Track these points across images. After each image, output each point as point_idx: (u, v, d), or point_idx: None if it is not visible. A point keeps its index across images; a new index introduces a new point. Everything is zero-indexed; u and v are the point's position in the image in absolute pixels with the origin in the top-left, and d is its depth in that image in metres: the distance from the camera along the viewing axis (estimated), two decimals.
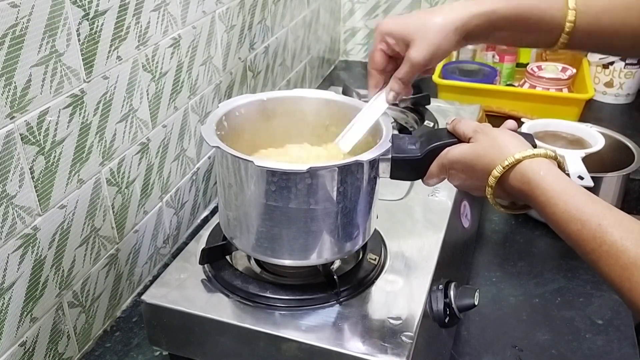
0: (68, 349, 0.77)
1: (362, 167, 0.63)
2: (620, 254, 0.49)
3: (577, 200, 0.53)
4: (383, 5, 1.68)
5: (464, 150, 0.63)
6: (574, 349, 0.79)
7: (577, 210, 0.52)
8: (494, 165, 0.59)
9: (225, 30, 1.03)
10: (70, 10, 0.67)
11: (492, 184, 0.59)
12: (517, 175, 0.58)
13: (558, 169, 0.57)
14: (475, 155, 0.62)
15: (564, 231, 0.53)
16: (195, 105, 0.98)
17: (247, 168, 0.62)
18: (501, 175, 0.58)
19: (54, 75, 0.66)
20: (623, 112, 1.46)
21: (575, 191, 0.54)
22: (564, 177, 0.56)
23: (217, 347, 0.67)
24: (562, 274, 0.92)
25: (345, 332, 0.64)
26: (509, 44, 1.10)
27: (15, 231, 0.65)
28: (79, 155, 0.73)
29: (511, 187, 0.59)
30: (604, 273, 0.50)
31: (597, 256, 0.50)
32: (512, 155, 0.58)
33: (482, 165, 0.61)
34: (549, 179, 0.56)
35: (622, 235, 0.49)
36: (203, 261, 0.71)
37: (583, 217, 0.52)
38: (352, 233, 0.67)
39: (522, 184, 0.57)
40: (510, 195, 0.60)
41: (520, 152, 0.58)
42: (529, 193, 0.57)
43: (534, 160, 0.57)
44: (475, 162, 0.62)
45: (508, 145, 0.60)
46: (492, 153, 0.60)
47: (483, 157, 0.61)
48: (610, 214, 0.51)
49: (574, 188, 0.54)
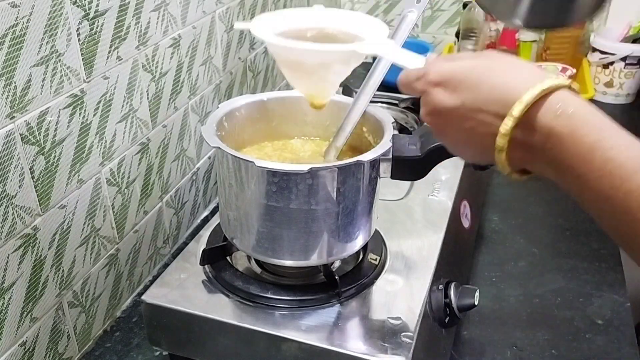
0: (68, 349, 0.76)
1: (362, 168, 0.63)
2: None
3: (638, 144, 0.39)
4: (383, 5, 1.69)
5: (471, 62, 0.46)
6: (574, 349, 0.79)
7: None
8: (518, 89, 0.42)
9: (225, 30, 1.03)
10: (70, 10, 0.67)
11: (518, 114, 0.42)
12: (551, 105, 0.41)
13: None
14: (489, 70, 0.45)
15: (620, 186, 0.38)
16: (195, 105, 0.98)
17: (247, 168, 0.62)
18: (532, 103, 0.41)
19: (54, 75, 0.66)
20: (623, 112, 1.46)
21: (630, 135, 0.40)
22: (607, 116, 0.42)
23: (217, 347, 0.67)
24: (562, 274, 0.92)
25: (345, 332, 0.64)
26: None
27: (15, 231, 0.65)
28: (79, 155, 0.73)
29: (537, 125, 0.42)
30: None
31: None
32: (548, 78, 0.42)
33: (498, 85, 0.44)
34: (595, 115, 0.41)
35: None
36: (204, 262, 0.71)
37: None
38: (352, 233, 0.67)
39: (556, 118, 0.41)
40: (521, 144, 0.43)
41: (556, 77, 0.43)
42: (565, 132, 0.41)
43: (568, 91, 0.42)
44: (486, 79, 0.44)
45: (532, 68, 0.45)
46: (515, 72, 0.44)
47: (499, 73, 0.44)
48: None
49: (625, 132, 0.41)
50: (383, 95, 1.08)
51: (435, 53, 0.57)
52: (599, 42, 1.46)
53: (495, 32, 1.50)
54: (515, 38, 1.49)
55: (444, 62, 0.48)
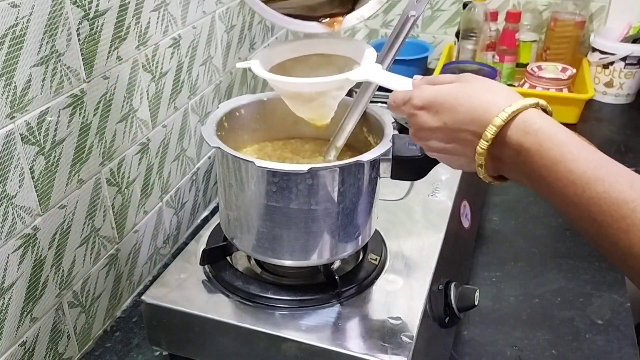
0: (68, 349, 0.76)
1: (362, 168, 0.63)
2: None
3: (599, 158, 0.44)
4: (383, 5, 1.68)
5: (449, 87, 0.52)
6: (574, 349, 0.79)
7: (602, 167, 0.43)
8: (491, 110, 0.48)
9: (225, 30, 1.03)
10: (70, 10, 0.67)
11: (492, 134, 0.47)
12: (519, 125, 0.47)
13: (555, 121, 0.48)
14: (465, 94, 0.50)
15: (582, 194, 0.43)
16: (195, 105, 0.98)
17: (247, 168, 0.63)
18: (503, 125, 0.47)
19: (54, 75, 0.66)
20: (623, 112, 1.46)
21: (591, 146, 0.45)
22: (569, 130, 0.47)
23: (217, 347, 0.67)
24: (562, 274, 0.92)
25: (345, 332, 0.64)
26: None
27: (15, 231, 0.65)
28: (79, 155, 0.73)
29: (509, 142, 0.47)
30: (636, 245, 0.41)
31: (629, 224, 0.41)
32: (516, 101, 0.47)
33: (473, 107, 0.49)
34: (558, 130, 0.46)
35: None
36: (204, 262, 0.71)
37: (610, 178, 0.42)
38: (353, 233, 0.67)
39: (525, 135, 0.46)
40: (498, 157, 0.49)
41: (523, 99, 0.48)
42: (533, 148, 0.46)
43: (535, 109, 0.48)
44: (463, 102, 0.50)
45: (505, 90, 0.50)
46: (488, 95, 0.49)
47: (475, 96, 0.49)
48: (636, 176, 0.43)
49: (587, 143, 0.46)
50: (383, 95, 1.08)
51: (420, 75, 0.59)
52: (599, 42, 1.46)
53: (495, 32, 1.50)
54: (515, 38, 1.48)
55: (426, 88, 0.54)
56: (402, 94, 0.55)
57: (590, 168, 0.43)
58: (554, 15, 1.50)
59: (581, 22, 1.48)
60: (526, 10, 1.53)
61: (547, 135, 0.46)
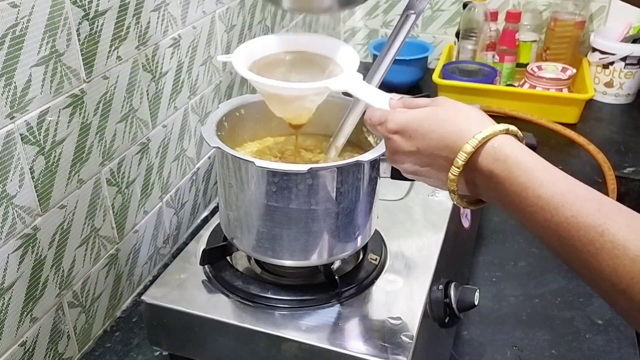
0: (68, 349, 0.76)
1: (362, 168, 0.63)
2: (629, 244, 0.40)
3: (567, 182, 0.45)
4: (383, 6, 1.68)
5: (422, 112, 0.53)
6: (574, 349, 0.79)
7: (570, 192, 0.44)
8: (463, 137, 0.49)
9: (225, 30, 1.03)
10: (70, 10, 0.67)
11: (463, 161, 0.48)
12: (489, 151, 0.48)
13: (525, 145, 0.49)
14: (437, 120, 0.51)
15: (551, 219, 0.44)
16: (195, 105, 0.98)
17: (247, 169, 0.63)
18: (474, 151, 0.48)
19: (54, 75, 0.66)
20: (623, 112, 1.46)
21: (558, 172, 0.46)
22: (537, 156, 0.48)
23: (217, 347, 0.67)
24: (562, 274, 0.92)
25: (345, 332, 0.64)
26: None
27: (15, 231, 0.65)
28: (79, 155, 0.73)
29: (480, 168, 0.48)
30: (605, 269, 0.41)
31: (598, 248, 0.41)
32: (486, 127, 0.48)
33: (446, 133, 0.50)
34: (527, 156, 0.47)
35: (628, 222, 0.41)
36: (204, 262, 0.71)
37: (577, 202, 0.43)
38: (352, 233, 0.67)
39: (494, 162, 0.47)
40: (471, 182, 0.50)
41: (494, 125, 0.49)
42: (502, 174, 0.47)
43: (505, 136, 0.49)
44: (436, 128, 0.51)
45: (477, 116, 0.51)
46: (460, 122, 0.50)
47: (447, 122, 0.50)
48: (605, 199, 0.44)
49: (555, 169, 0.47)
50: None
51: (397, 95, 0.59)
52: (599, 42, 1.46)
53: (495, 32, 1.50)
54: (515, 38, 1.48)
55: (400, 112, 0.55)
56: (379, 115, 0.56)
57: (558, 193, 0.44)
58: (554, 15, 1.50)
59: (581, 22, 1.48)
60: (526, 10, 1.53)
61: (515, 162, 0.47)
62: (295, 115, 0.68)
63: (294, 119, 0.69)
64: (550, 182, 0.45)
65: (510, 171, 0.47)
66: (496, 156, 0.48)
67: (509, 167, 0.47)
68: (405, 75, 1.50)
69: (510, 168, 0.47)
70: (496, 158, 0.48)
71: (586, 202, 0.43)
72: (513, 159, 0.47)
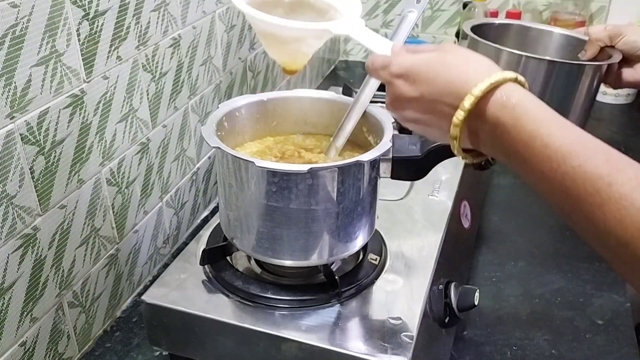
0: (68, 349, 0.76)
1: (362, 168, 0.63)
2: (637, 195, 0.39)
3: (576, 133, 0.44)
4: (383, 5, 1.68)
5: (429, 57, 0.51)
6: (574, 349, 0.79)
7: (578, 143, 0.43)
8: (470, 82, 0.47)
9: (225, 30, 1.03)
10: (70, 10, 0.67)
11: (469, 106, 0.47)
12: (497, 98, 0.46)
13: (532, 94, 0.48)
14: (444, 64, 0.49)
15: (557, 168, 0.43)
16: (195, 105, 0.98)
17: (247, 168, 0.63)
18: (481, 96, 0.46)
19: (54, 75, 0.66)
20: (623, 112, 1.46)
21: (567, 122, 0.45)
22: (546, 106, 0.46)
23: (217, 347, 0.67)
24: (562, 274, 0.92)
25: (345, 332, 0.64)
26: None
27: (15, 231, 0.65)
28: (79, 155, 0.73)
29: (486, 115, 0.47)
30: (610, 220, 0.40)
31: (604, 198, 0.40)
32: (495, 72, 0.47)
33: (452, 78, 0.48)
34: (536, 105, 0.46)
35: (638, 174, 0.40)
36: (204, 262, 0.71)
37: (586, 153, 0.42)
38: (352, 233, 0.67)
39: (502, 109, 0.46)
40: (474, 131, 0.49)
41: (502, 72, 0.47)
42: (509, 122, 0.45)
43: (514, 84, 0.47)
44: (442, 72, 0.49)
45: (484, 62, 0.49)
46: (467, 67, 0.48)
47: (454, 67, 0.49)
48: (614, 151, 0.43)
49: (564, 119, 0.45)
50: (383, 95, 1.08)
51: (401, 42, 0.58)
52: None
53: None
54: None
55: (406, 55, 0.53)
56: (382, 59, 0.54)
57: (566, 143, 0.43)
58: (554, 15, 1.50)
59: (581, 22, 1.48)
60: (526, 10, 1.53)
61: (524, 110, 0.45)
62: (290, 58, 0.66)
63: (289, 62, 0.66)
64: (559, 131, 0.44)
65: (518, 119, 0.45)
66: (504, 103, 0.46)
67: (517, 115, 0.45)
68: None
69: (518, 116, 0.45)
70: (504, 105, 0.46)
71: (595, 153, 0.42)
72: (522, 106, 0.45)
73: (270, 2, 0.64)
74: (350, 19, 0.60)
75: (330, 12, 0.64)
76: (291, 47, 0.63)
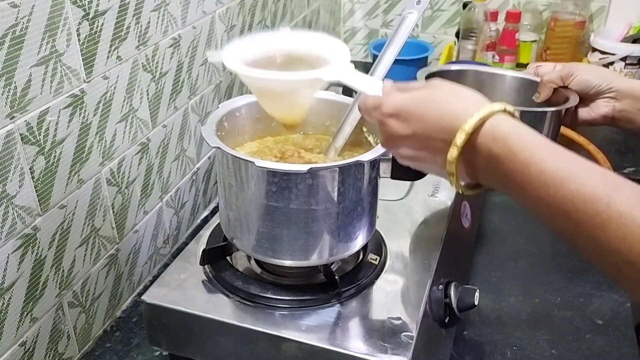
0: (68, 349, 0.76)
1: (362, 168, 0.63)
2: (637, 212, 0.39)
3: (569, 157, 0.45)
4: (383, 5, 1.68)
5: (418, 95, 0.52)
6: (574, 349, 0.79)
7: (573, 166, 0.44)
8: (460, 118, 0.48)
9: (225, 30, 1.03)
10: (70, 10, 0.67)
11: (461, 143, 0.48)
12: (488, 131, 0.47)
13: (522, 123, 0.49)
14: (433, 101, 0.50)
15: (555, 194, 0.43)
16: (195, 105, 0.98)
17: (247, 168, 0.63)
18: (472, 132, 0.47)
19: (54, 75, 0.66)
20: None
21: (559, 147, 0.46)
22: (536, 133, 0.47)
23: (217, 347, 0.67)
24: (562, 274, 0.92)
25: (345, 332, 0.64)
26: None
27: (15, 231, 0.65)
28: (79, 155, 0.73)
29: (479, 148, 0.48)
30: (613, 240, 0.40)
31: (605, 219, 0.40)
32: (483, 106, 0.48)
33: (442, 115, 0.49)
34: (526, 133, 0.47)
35: (634, 192, 0.41)
36: (204, 262, 0.71)
37: (582, 175, 0.43)
38: (352, 233, 0.67)
39: (494, 141, 0.47)
40: (470, 164, 0.50)
41: (490, 104, 0.48)
42: (502, 153, 0.46)
43: (503, 114, 0.49)
44: (432, 109, 0.50)
45: (472, 96, 0.50)
46: (456, 102, 0.49)
47: (443, 103, 0.50)
48: (608, 172, 0.43)
49: (555, 145, 0.46)
50: None
51: (390, 80, 0.59)
52: (599, 42, 1.45)
53: (495, 32, 1.50)
54: (515, 38, 1.49)
55: (396, 94, 0.54)
56: (373, 100, 0.55)
57: (561, 167, 0.44)
58: (554, 15, 1.50)
59: (581, 22, 1.48)
60: (526, 10, 1.53)
61: (515, 139, 0.46)
62: (288, 112, 0.67)
63: (288, 116, 0.67)
64: (552, 157, 0.45)
65: (511, 149, 0.46)
66: (495, 135, 0.47)
67: (509, 145, 0.46)
68: (405, 75, 1.49)
69: (510, 146, 0.46)
70: (495, 137, 0.47)
71: (591, 174, 0.43)
72: (512, 136, 0.46)
73: (263, 63, 0.65)
74: (340, 65, 0.61)
75: (320, 63, 0.65)
76: (287, 100, 0.65)
